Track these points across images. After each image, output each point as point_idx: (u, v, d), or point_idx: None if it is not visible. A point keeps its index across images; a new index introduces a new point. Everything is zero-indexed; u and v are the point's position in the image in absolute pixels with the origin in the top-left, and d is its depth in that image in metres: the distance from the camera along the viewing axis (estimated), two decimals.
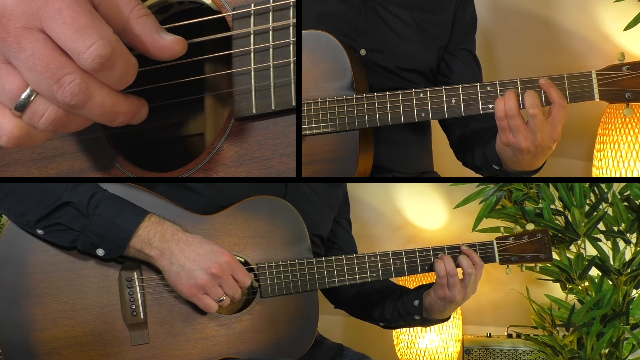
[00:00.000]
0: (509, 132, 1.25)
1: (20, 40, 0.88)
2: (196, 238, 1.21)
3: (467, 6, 1.60)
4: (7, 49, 0.89)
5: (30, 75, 0.89)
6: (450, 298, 1.35)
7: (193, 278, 1.18)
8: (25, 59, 0.88)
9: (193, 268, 1.18)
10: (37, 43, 0.88)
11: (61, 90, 0.89)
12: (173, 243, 1.19)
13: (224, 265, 1.20)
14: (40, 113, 0.91)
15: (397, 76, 1.51)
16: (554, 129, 1.23)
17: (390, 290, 1.51)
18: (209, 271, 1.19)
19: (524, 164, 1.31)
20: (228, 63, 1.07)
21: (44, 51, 0.88)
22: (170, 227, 1.20)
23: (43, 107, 0.91)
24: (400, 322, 1.50)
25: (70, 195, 1.16)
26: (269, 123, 1.06)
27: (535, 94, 1.22)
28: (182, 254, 1.19)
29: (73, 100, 0.90)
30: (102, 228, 1.17)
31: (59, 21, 0.88)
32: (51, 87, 0.89)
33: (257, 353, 1.28)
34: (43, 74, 0.88)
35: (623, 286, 1.98)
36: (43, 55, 0.88)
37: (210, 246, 1.20)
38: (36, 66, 0.88)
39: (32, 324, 1.19)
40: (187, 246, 1.19)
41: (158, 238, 1.18)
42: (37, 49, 0.88)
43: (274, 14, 1.03)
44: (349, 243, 1.60)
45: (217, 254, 1.20)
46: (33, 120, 0.92)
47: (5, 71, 0.90)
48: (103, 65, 0.89)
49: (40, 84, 0.89)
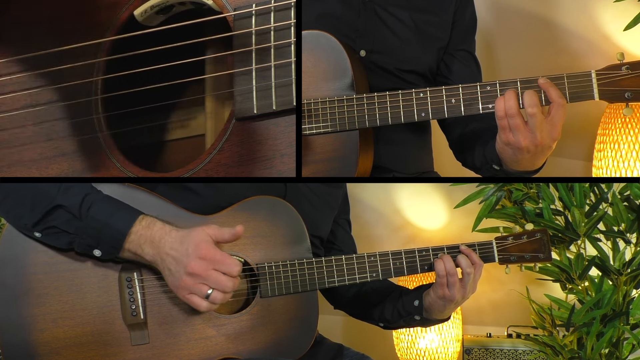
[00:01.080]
0: (508, 131, 1.25)
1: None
2: (178, 236, 1.18)
3: (466, 7, 1.60)
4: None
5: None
6: (450, 297, 1.35)
7: (178, 280, 1.18)
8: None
9: (177, 269, 1.18)
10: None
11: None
12: (161, 247, 1.18)
13: (201, 263, 1.17)
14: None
15: (397, 77, 1.51)
16: (553, 128, 1.23)
17: (389, 290, 1.51)
18: (187, 271, 1.17)
19: (524, 164, 1.31)
20: (229, 63, 1.07)
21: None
22: (159, 229, 1.19)
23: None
24: (400, 323, 1.49)
25: (62, 198, 1.16)
26: (270, 123, 1.06)
27: (534, 93, 1.23)
28: (168, 256, 1.18)
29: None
30: (96, 230, 1.17)
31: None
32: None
33: (257, 353, 1.28)
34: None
35: (623, 286, 1.98)
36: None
37: (188, 244, 1.17)
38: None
39: (32, 324, 1.19)
40: (171, 248, 1.18)
41: (148, 244, 1.18)
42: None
43: (275, 15, 1.04)
44: (349, 244, 1.60)
45: (195, 251, 1.17)
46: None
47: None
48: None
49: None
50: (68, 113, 1.23)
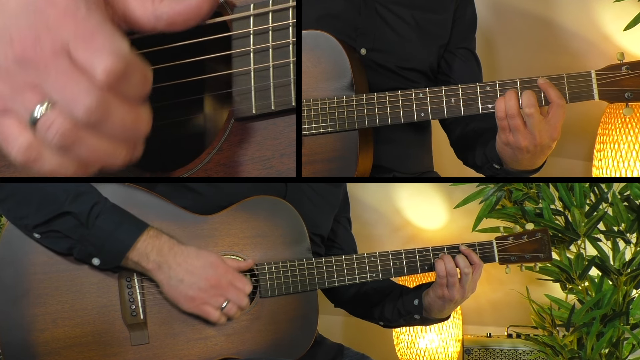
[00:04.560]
0: (508, 131, 1.25)
1: (48, 64, 0.89)
2: (192, 250, 1.21)
3: (467, 5, 1.60)
4: (37, 73, 0.90)
5: (52, 95, 0.90)
6: (449, 297, 1.35)
7: (192, 290, 1.19)
8: (47, 81, 0.89)
9: (192, 281, 1.19)
10: (60, 65, 0.89)
11: (77, 107, 0.89)
12: (170, 257, 1.19)
13: (222, 276, 1.21)
14: (48, 124, 0.91)
15: (398, 75, 1.51)
16: (552, 128, 1.23)
17: (390, 289, 1.51)
18: (208, 283, 1.20)
19: (524, 163, 1.32)
20: (228, 63, 1.07)
21: (66, 73, 0.89)
22: (167, 241, 1.20)
23: (52, 118, 0.91)
24: (400, 322, 1.50)
25: (71, 205, 1.16)
26: (269, 123, 1.06)
27: (532, 93, 1.23)
28: (180, 267, 1.19)
29: (91, 117, 0.90)
30: (101, 239, 1.17)
31: (79, 44, 0.89)
32: (69, 104, 0.89)
33: (257, 353, 1.28)
34: (62, 93, 0.89)
35: (623, 286, 1.98)
36: (64, 77, 0.89)
37: (206, 258, 1.21)
38: (57, 86, 0.89)
39: (32, 324, 1.19)
40: (184, 259, 1.20)
41: (155, 252, 1.19)
42: (60, 70, 0.89)
43: (274, 15, 1.04)
44: (349, 242, 1.60)
45: (214, 265, 1.21)
46: (42, 131, 0.92)
47: (32, 92, 0.91)
48: (117, 80, 0.89)
49: (59, 103, 0.90)
50: None
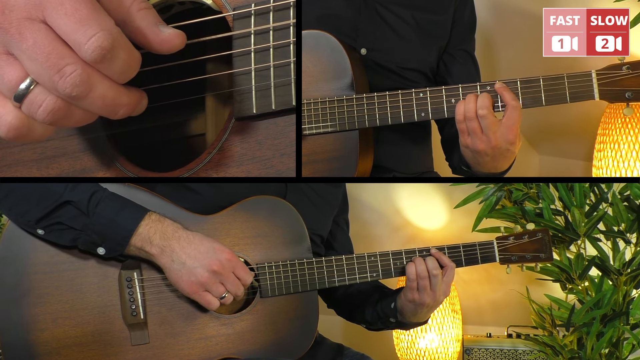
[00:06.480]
0: (467, 134, 1.27)
1: (22, 31, 0.88)
2: (197, 235, 1.21)
3: (466, 7, 1.60)
4: (9, 39, 0.89)
5: (31, 66, 0.89)
6: (419, 301, 1.33)
7: (194, 275, 1.19)
8: (27, 49, 0.88)
9: (194, 265, 1.19)
10: (38, 33, 0.88)
11: (62, 81, 0.88)
12: (174, 240, 1.19)
13: (225, 262, 1.20)
14: (39, 103, 0.91)
15: (398, 75, 1.51)
16: (508, 130, 1.24)
17: (373, 291, 1.50)
18: (210, 268, 1.19)
19: (487, 166, 1.33)
20: (229, 63, 1.07)
21: (46, 41, 0.88)
22: (170, 224, 1.20)
23: (41, 97, 0.91)
24: (379, 325, 1.48)
25: (70, 194, 1.16)
26: (269, 123, 1.06)
27: (487, 95, 1.25)
28: (183, 251, 1.19)
29: (74, 91, 0.89)
30: (103, 226, 1.17)
31: (61, 12, 0.88)
32: (52, 77, 0.88)
33: (257, 353, 1.28)
34: (44, 64, 0.88)
35: (623, 286, 1.98)
36: (44, 46, 0.88)
37: (211, 244, 1.21)
38: (37, 56, 0.88)
39: (32, 324, 1.20)
40: (188, 244, 1.19)
41: (159, 236, 1.19)
42: (39, 39, 0.88)
43: (274, 14, 1.04)
44: (346, 244, 1.60)
45: (218, 251, 1.20)
46: (31, 110, 0.92)
47: (6, 62, 0.90)
48: (104, 56, 0.89)
49: (41, 75, 0.89)
50: None
